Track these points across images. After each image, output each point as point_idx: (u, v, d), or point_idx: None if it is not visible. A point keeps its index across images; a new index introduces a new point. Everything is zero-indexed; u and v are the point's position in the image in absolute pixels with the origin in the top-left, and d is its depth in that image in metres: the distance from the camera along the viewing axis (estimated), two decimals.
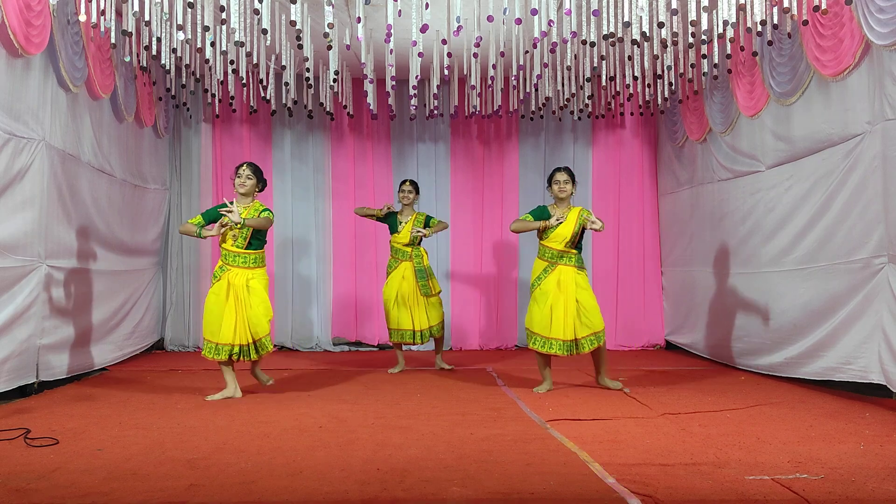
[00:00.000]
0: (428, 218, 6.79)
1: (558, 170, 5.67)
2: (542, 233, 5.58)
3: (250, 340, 5.19)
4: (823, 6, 4.83)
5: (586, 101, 7.53)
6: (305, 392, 5.51)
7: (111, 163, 6.58)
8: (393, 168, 8.65)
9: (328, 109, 7.67)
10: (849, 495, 2.97)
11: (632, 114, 8.56)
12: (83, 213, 6.03)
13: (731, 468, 3.36)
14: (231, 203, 5.21)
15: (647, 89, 6.93)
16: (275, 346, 8.33)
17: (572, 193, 5.62)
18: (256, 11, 4.77)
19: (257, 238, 5.29)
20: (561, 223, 5.49)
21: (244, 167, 5.37)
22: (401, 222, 6.73)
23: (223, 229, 5.21)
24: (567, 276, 5.48)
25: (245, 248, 5.25)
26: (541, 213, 5.62)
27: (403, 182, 6.83)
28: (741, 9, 4.90)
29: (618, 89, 7.40)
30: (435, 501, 2.91)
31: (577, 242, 5.57)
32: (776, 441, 3.90)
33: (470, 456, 3.58)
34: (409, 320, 6.62)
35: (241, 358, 5.20)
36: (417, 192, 6.84)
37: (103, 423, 4.35)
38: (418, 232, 6.63)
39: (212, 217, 5.31)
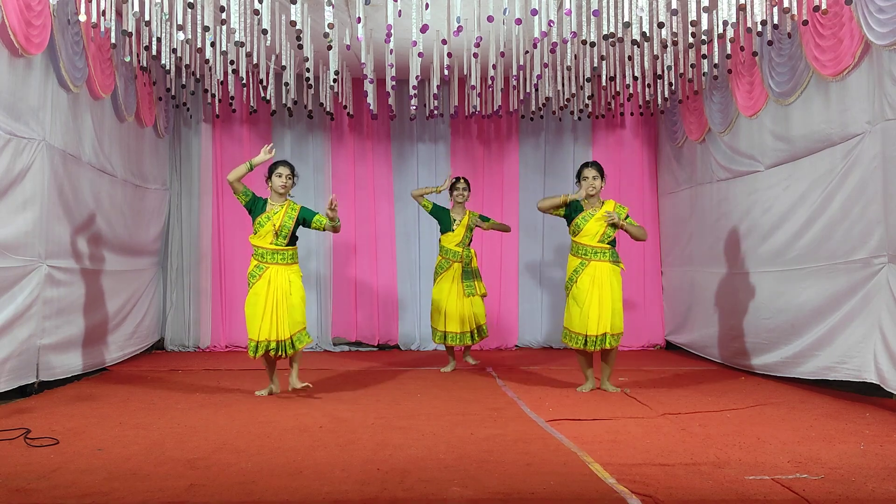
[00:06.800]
0: (479, 216, 6.80)
1: (586, 165, 5.63)
2: (572, 229, 5.57)
3: (287, 336, 5.21)
4: (823, 6, 4.83)
5: (586, 101, 7.53)
6: (305, 392, 5.51)
7: (112, 163, 6.58)
8: (393, 168, 8.65)
9: (328, 109, 7.67)
10: (849, 495, 2.97)
11: (632, 114, 8.56)
12: (84, 213, 6.03)
13: (731, 468, 3.36)
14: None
15: (647, 89, 6.93)
16: None
17: (601, 188, 5.59)
18: (256, 12, 4.77)
19: (295, 235, 5.37)
20: (586, 200, 5.51)
21: (284, 167, 5.35)
22: (454, 220, 6.68)
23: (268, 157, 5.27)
24: (602, 272, 5.46)
25: (285, 245, 5.29)
26: (572, 206, 5.58)
27: (458, 180, 6.81)
28: (741, 9, 4.90)
29: (618, 89, 7.40)
30: (435, 501, 2.91)
31: (612, 239, 5.53)
32: (776, 441, 3.90)
33: (470, 456, 3.58)
34: (456, 323, 6.59)
35: (280, 354, 5.23)
36: (470, 190, 6.82)
37: (103, 423, 4.35)
38: (477, 222, 6.67)
39: (257, 202, 5.32)
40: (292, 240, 5.35)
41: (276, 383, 5.40)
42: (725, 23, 4.84)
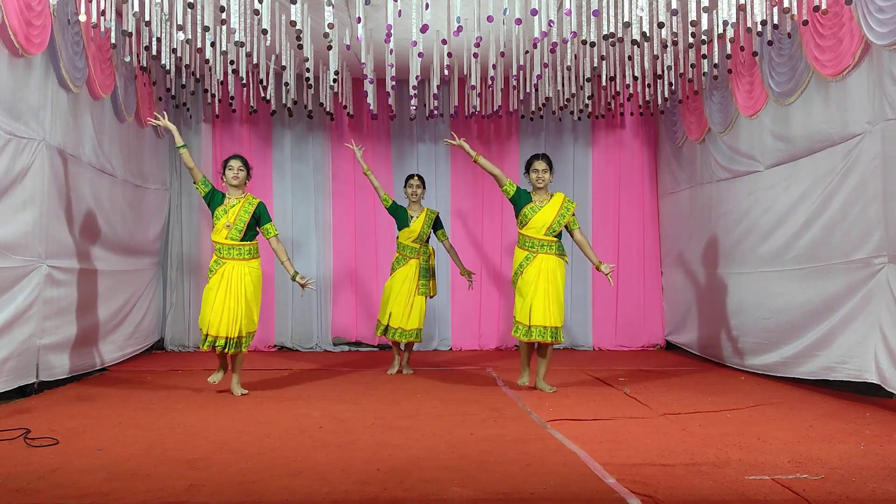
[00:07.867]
0: (438, 217, 6.70)
1: (536, 157, 5.65)
2: (520, 219, 5.58)
3: (235, 335, 5.23)
4: (823, 6, 4.83)
5: (586, 101, 7.53)
6: (305, 392, 5.51)
7: (112, 163, 6.58)
8: (393, 168, 8.65)
9: (328, 109, 7.67)
10: (849, 495, 2.97)
11: (632, 114, 8.56)
12: (84, 213, 6.03)
13: (731, 468, 3.36)
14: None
15: (646, 89, 6.93)
16: (275, 346, 8.38)
17: (550, 181, 5.62)
18: (256, 12, 4.77)
19: (251, 230, 5.36)
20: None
21: (235, 160, 5.44)
22: (411, 217, 6.59)
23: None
24: (548, 264, 5.49)
25: (240, 241, 5.29)
26: (521, 194, 5.59)
27: (410, 177, 6.74)
28: (741, 9, 4.90)
29: (618, 89, 7.40)
30: (435, 501, 2.91)
31: (557, 232, 5.56)
32: (776, 441, 3.90)
33: (470, 456, 3.58)
34: (399, 317, 6.41)
35: (228, 350, 5.25)
36: (425, 187, 6.77)
37: (103, 423, 4.35)
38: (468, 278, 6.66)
39: (215, 195, 5.37)
40: (249, 235, 5.34)
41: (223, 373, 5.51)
42: (725, 23, 4.84)
